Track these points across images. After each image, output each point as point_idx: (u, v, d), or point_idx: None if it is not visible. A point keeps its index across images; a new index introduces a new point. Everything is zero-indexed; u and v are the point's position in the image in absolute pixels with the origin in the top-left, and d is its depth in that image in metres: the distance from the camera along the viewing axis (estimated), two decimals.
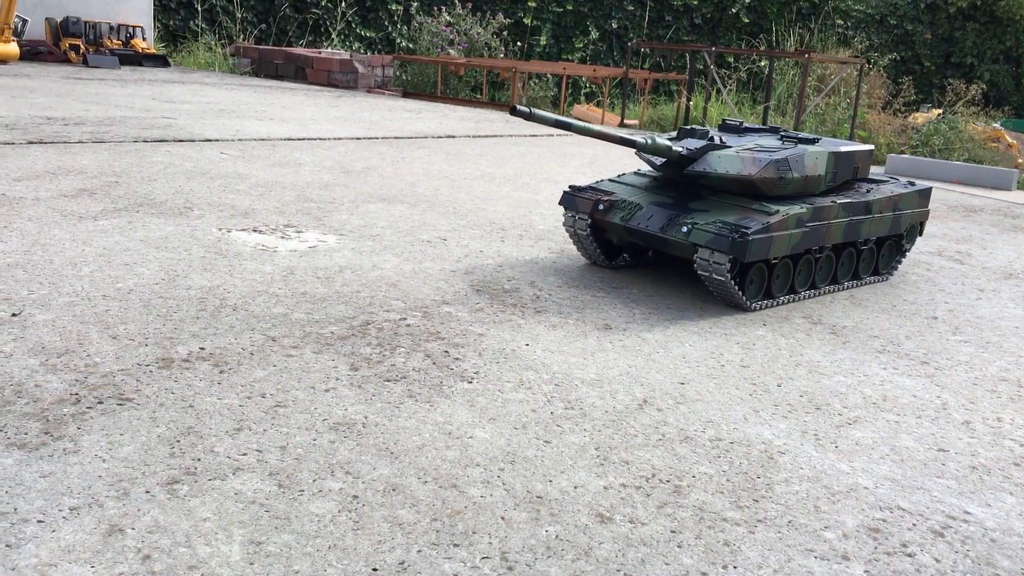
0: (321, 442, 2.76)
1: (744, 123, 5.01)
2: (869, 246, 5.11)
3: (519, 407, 3.14)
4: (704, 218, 4.38)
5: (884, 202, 5.03)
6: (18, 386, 2.92)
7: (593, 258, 5.03)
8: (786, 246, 4.40)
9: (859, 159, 5.06)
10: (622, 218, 4.60)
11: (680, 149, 4.56)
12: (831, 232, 4.67)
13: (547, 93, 21.65)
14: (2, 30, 14.28)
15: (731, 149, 4.57)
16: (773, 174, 4.47)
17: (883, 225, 5.07)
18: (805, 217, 4.47)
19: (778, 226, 4.31)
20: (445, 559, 2.24)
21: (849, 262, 5.07)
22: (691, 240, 4.29)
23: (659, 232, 4.45)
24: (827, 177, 4.78)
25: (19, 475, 2.41)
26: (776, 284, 4.58)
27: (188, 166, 6.74)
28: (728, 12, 26.23)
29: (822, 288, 4.89)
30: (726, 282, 4.26)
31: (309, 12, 22.80)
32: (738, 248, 4.15)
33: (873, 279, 5.28)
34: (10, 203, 5.14)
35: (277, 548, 2.22)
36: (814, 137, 4.83)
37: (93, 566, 2.08)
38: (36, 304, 3.64)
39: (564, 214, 4.88)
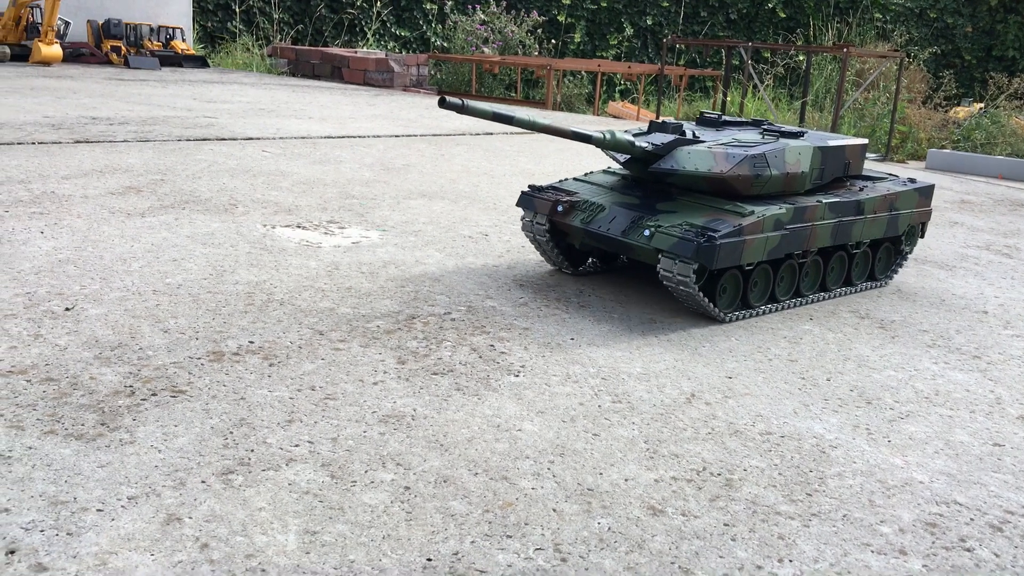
0: (371, 434, 2.77)
1: (723, 116, 4.60)
2: (863, 249, 4.67)
3: (567, 400, 3.14)
4: (670, 220, 3.96)
5: (879, 201, 4.58)
6: (74, 378, 2.97)
7: (556, 264, 4.63)
8: (762, 251, 3.98)
9: (850, 154, 4.62)
10: (582, 220, 4.18)
11: (644, 145, 4.12)
12: (816, 235, 4.24)
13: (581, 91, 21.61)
14: (45, 32, 14.52)
15: (702, 144, 4.15)
16: (748, 171, 4.05)
17: (878, 227, 4.63)
18: (785, 219, 4.04)
19: (752, 229, 3.90)
20: (499, 550, 2.24)
21: (840, 267, 4.64)
22: (653, 245, 3.89)
23: (620, 236, 4.03)
24: (812, 174, 4.36)
25: (77, 465, 2.45)
26: (754, 293, 4.17)
27: (231, 164, 6.81)
28: (764, 7, 25.97)
29: (809, 296, 4.47)
30: (692, 292, 3.86)
31: (345, 12, 22.95)
32: (704, 254, 3.73)
33: (869, 285, 4.87)
34: (60, 200, 5.22)
35: (332, 538, 2.23)
36: (800, 131, 4.45)
37: (152, 554, 2.11)
38: (88, 299, 3.70)
39: (522, 217, 4.48)
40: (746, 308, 4.16)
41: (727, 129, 4.47)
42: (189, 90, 12.19)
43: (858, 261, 4.74)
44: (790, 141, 4.27)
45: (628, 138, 4.10)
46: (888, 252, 4.96)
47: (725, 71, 17.04)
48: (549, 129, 3.99)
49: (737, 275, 4.04)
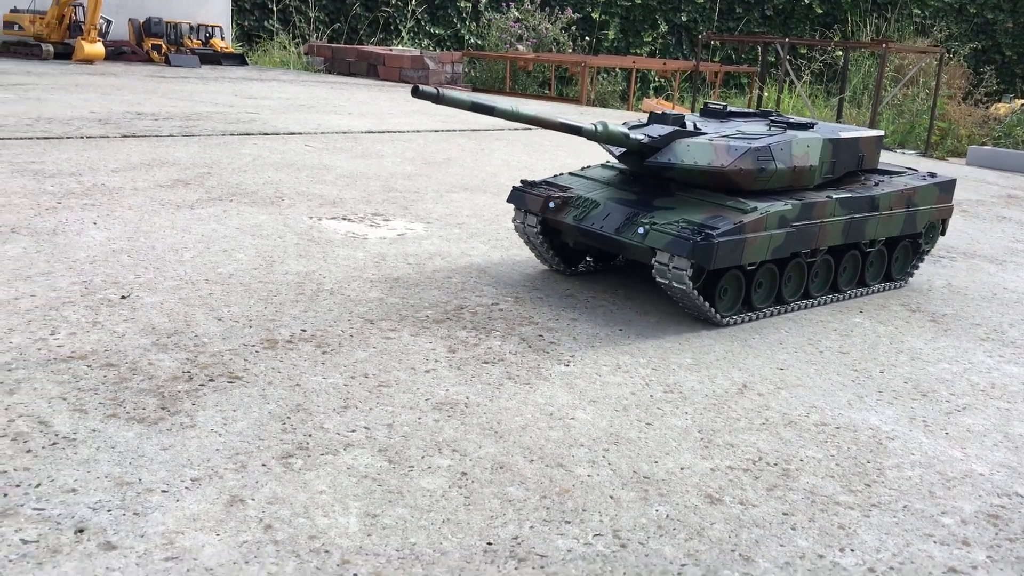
0: (426, 421, 2.79)
1: (729, 107, 4.34)
2: (877, 248, 4.40)
3: (618, 390, 3.13)
4: (666, 217, 3.73)
5: (895, 197, 4.30)
6: (133, 364, 3.02)
7: (549, 263, 4.40)
8: (765, 250, 3.75)
9: (865, 147, 4.34)
10: (575, 218, 3.95)
11: (640, 137, 3.89)
12: (826, 233, 3.99)
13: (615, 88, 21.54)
14: (88, 31, 14.76)
15: (703, 137, 3.91)
16: (751, 165, 3.80)
17: (894, 224, 4.35)
18: (791, 215, 3.80)
19: (754, 226, 3.66)
20: (558, 535, 2.25)
21: (853, 267, 4.37)
22: (647, 243, 3.67)
23: (614, 234, 3.80)
24: (823, 168, 4.10)
25: (140, 447, 2.49)
26: (758, 294, 3.95)
27: (275, 158, 6.88)
28: (800, 3, 25.74)
29: (819, 298, 4.22)
30: (688, 292, 3.63)
31: (380, 11, 23.07)
32: (701, 252, 3.51)
33: (885, 287, 4.59)
34: (110, 193, 5.31)
35: (392, 521, 2.25)
36: (809, 122, 4.20)
37: (218, 534, 2.14)
38: (143, 287, 3.75)
39: (514, 214, 4.26)
40: (750, 311, 3.93)
41: (732, 121, 4.25)
42: (229, 87, 12.32)
43: (873, 261, 4.48)
44: (798, 133, 4.03)
45: (622, 130, 3.89)
46: (906, 251, 4.67)
47: (761, 67, 16.91)
48: (534, 120, 3.76)
49: (739, 275, 3.81)
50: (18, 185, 5.34)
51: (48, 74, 12.32)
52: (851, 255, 4.31)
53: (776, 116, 4.26)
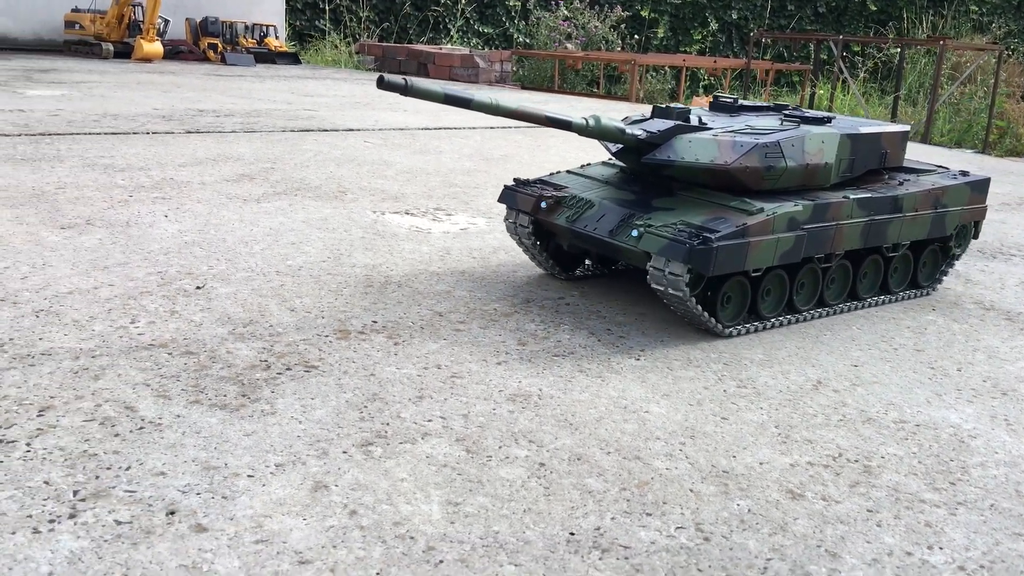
0: (501, 412, 2.79)
1: (739, 100, 4.06)
2: (902, 252, 4.08)
3: (691, 384, 3.11)
4: (664, 219, 3.47)
5: (921, 197, 3.97)
6: (212, 352, 3.07)
7: (543, 267, 4.16)
8: (772, 255, 3.46)
9: (888, 143, 4.01)
10: (568, 219, 3.70)
11: (637, 132, 3.63)
12: (842, 236, 3.69)
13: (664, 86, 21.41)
14: (147, 30, 15.04)
15: (707, 132, 3.62)
16: (758, 163, 3.51)
17: (920, 226, 4.01)
18: (801, 217, 3.51)
19: (759, 229, 3.38)
20: (640, 527, 2.24)
21: (874, 273, 4.07)
22: (641, 247, 3.40)
23: (608, 236, 3.54)
24: (840, 166, 3.80)
25: (224, 433, 2.53)
26: (766, 302, 3.67)
27: (336, 154, 6.95)
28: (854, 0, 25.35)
29: (836, 307, 3.92)
30: (685, 300, 3.37)
31: (430, 10, 23.19)
32: (698, 257, 3.24)
33: (911, 294, 4.26)
34: (179, 187, 5.40)
35: (474, 509, 2.26)
36: (827, 116, 3.92)
37: (305, 519, 2.16)
38: (217, 278, 3.81)
39: (506, 213, 4.03)
40: (757, 319, 3.65)
41: (743, 115, 3.95)
42: (285, 85, 12.48)
43: (897, 266, 4.14)
44: (812, 128, 3.73)
45: (617, 125, 3.62)
46: (934, 256, 4.32)
47: (814, 65, 16.68)
48: (517, 114, 3.47)
49: (743, 282, 3.54)
50: (90, 179, 5.46)
51: (109, 72, 12.58)
52: (872, 260, 4.00)
53: (791, 110, 4.02)
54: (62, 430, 2.47)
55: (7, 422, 2.48)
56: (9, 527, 2.02)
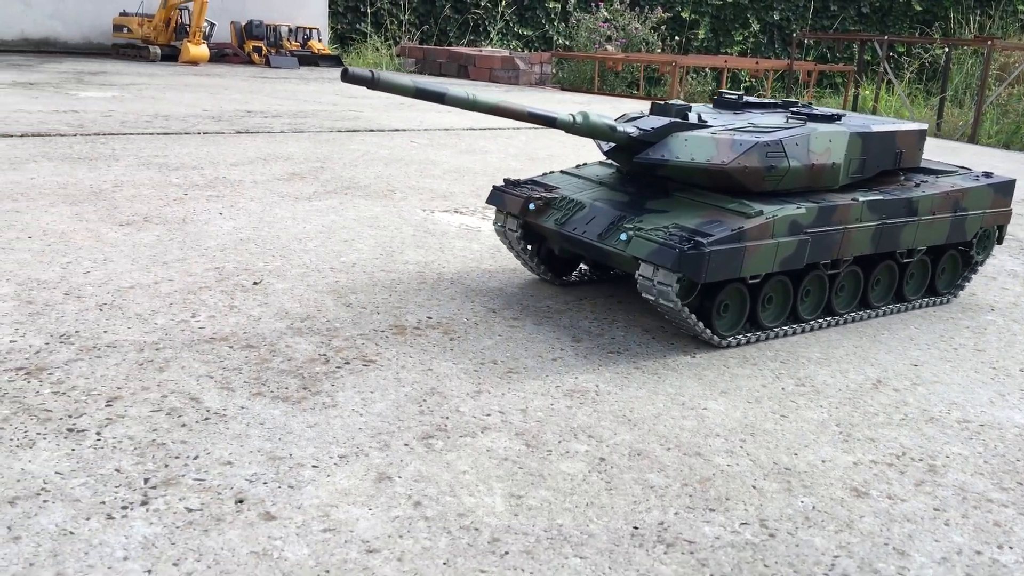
0: (558, 407, 2.80)
1: (745, 96, 3.87)
2: (918, 258, 3.87)
3: (748, 382, 3.09)
4: (656, 222, 3.28)
5: (939, 200, 3.74)
6: (271, 346, 3.11)
7: (534, 271, 3.98)
8: (771, 260, 3.25)
9: (903, 142, 3.77)
10: (556, 221, 3.52)
11: (629, 130, 3.42)
12: (851, 240, 3.48)
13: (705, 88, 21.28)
14: (194, 33, 15.27)
15: (705, 130, 3.43)
16: (758, 162, 3.31)
17: (937, 230, 3.79)
18: (805, 220, 3.31)
19: (757, 233, 3.17)
20: (704, 522, 2.23)
21: (888, 280, 3.85)
22: (630, 251, 3.21)
23: (596, 240, 3.36)
24: (849, 167, 3.58)
25: (287, 424, 2.56)
26: (767, 311, 3.48)
27: (383, 153, 7.01)
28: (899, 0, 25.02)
29: (845, 315, 3.72)
30: (676, 309, 3.19)
31: (470, 13, 23.28)
32: (689, 263, 3.04)
33: (929, 302, 4.04)
34: (232, 185, 5.48)
35: (537, 502, 2.26)
36: (836, 113, 3.70)
37: (370, 509, 2.18)
38: (273, 274, 3.86)
39: (494, 215, 3.86)
40: (758, 329, 3.46)
41: (747, 112, 3.79)
42: (329, 87, 12.60)
43: (913, 273, 3.93)
44: (818, 126, 3.52)
45: (607, 122, 3.40)
46: (954, 262, 4.10)
47: (857, 66, 16.49)
48: (497, 110, 3.25)
49: (742, 289, 3.35)
50: (146, 177, 5.56)
51: (158, 75, 12.79)
52: (885, 266, 3.79)
53: (799, 107, 3.81)
54: (130, 420, 2.51)
55: (77, 411, 2.53)
56: (84, 513, 2.06)
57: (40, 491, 2.13)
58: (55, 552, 1.91)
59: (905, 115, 15.03)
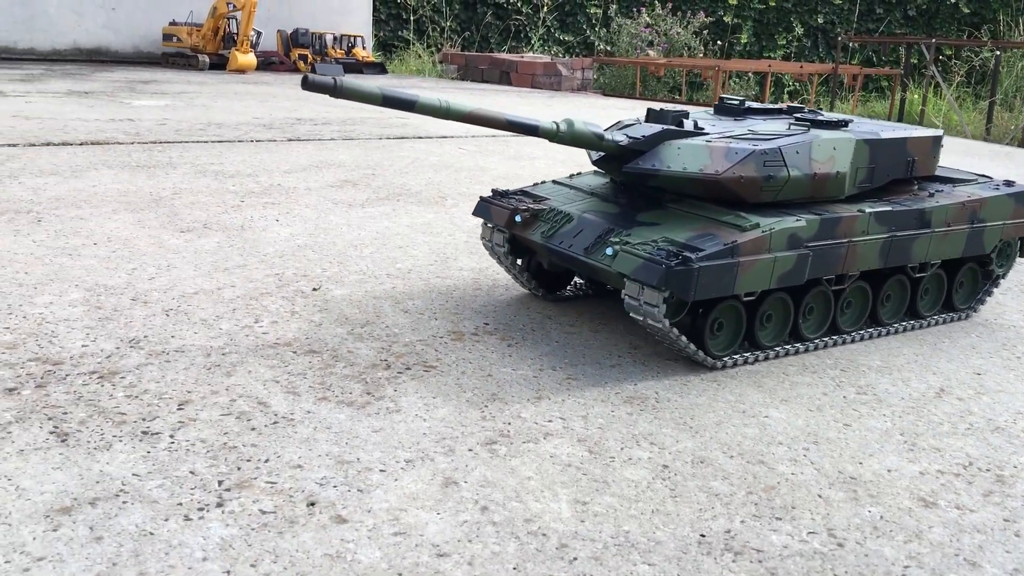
0: (619, 414, 2.81)
1: (747, 102, 3.69)
2: (932, 272, 3.67)
3: (809, 390, 3.08)
4: (645, 235, 3.10)
5: (954, 211, 3.55)
6: (334, 351, 3.15)
7: (525, 286, 3.82)
8: (768, 277, 3.07)
9: (914, 149, 3.58)
10: (543, 234, 3.35)
11: (618, 138, 3.25)
12: (856, 255, 3.29)
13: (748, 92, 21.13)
14: (241, 42, 15.52)
15: (699, 138, 3.24)
16: (755, 172, 3.13)
17: (952, 243, 3.59)
18: (805, 233, 3.12)
19: (752, 247, 2.99)
20: (771, 531, 2.23)
21: (900, 296, 3.67)
22: (615, 267, 3.03)
23: (583, 255, 3.19)
24: (856, 176, 3.41)
25: (353, 429, 2.60)
26: (766, 330, 3.30)
27: (433, 160, 7.07)
28: (946, 2, 24.65)
29: (853, 333, 3.54)
30: (664, 329, 3.02)
31: (511, 19, 23.37)
32: (676, 280, 2.86)
33: (945, 318, 3.85)
34: (286, 192, 5.57)
35: (602, 509, 2.28)
36: (844, 119, 3.50)
37: (439, 513, 2.21)
38: (331, 280, 3.92)
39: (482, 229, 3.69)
40: (756, 349, 3.29)
41: (748, 118, 3.60)
42: None
43: (928, 288, 3.75)
44: (821, 132, 3.33)
45: (594, 130, 3.22)
46: (973, 275, 3.91)
47: (904, 70, 16.28)
48: (472, 118, 3.08)
49: (737, 307, 3.18)
50: (203, 185, 5.67)
51: (207, 83, 13.01)
52: (896, 281, 3.61)
53: (804, 113, 3.62)
54: (201, 423, 2.57)
55: (150, 415, 2.60)
56: (162, 514, 2.12)
57: (119, 492, 2.19)
58: (136, 552, 1.97)
59: (953, 119, 14.81)
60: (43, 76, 12.96)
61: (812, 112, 3.64)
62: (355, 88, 2.84)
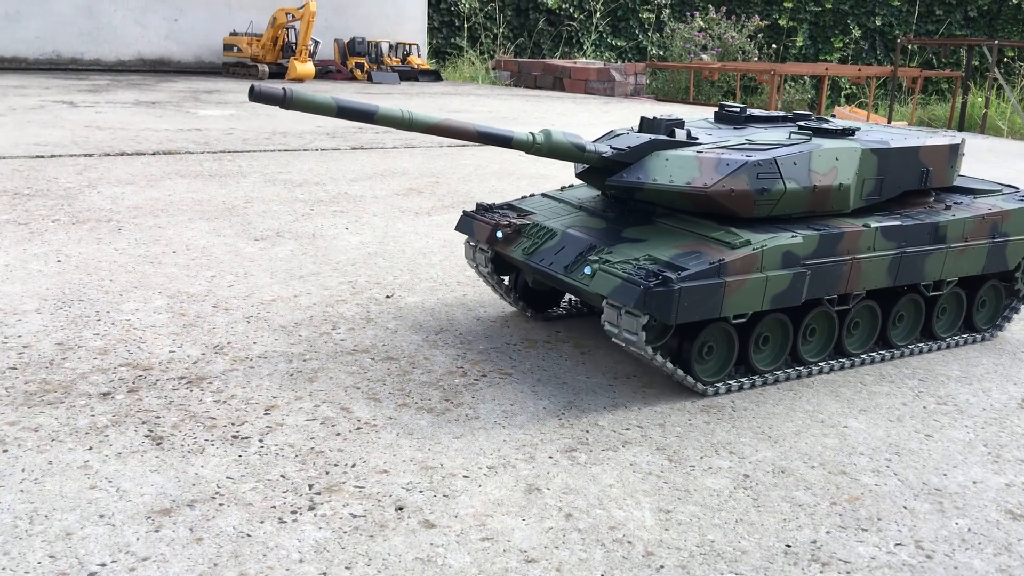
0: (696, 422, 2.82)
1: (748, 110, 3.51)
2: (949, 291, 3.46)
3: (887, 400, 3.05)
4: (627, 253, 2.91)
5: (973, 224, 3.34)
6: (411, 358, 3.21)
7: (512, 304, 3.67)
8: (759, 298, 2.86)
9: (929, 158, 3.35)
10: (524, 251, 3.19)
11: (602, 149, 3.06)
12: (861, 272, 3.09)
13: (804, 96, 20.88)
14: (300, 51, 15.77)
15: (689, 149, 3.05)
16: (747, 185, 2.94)
17: (971, 259, 3.38)
18: (801, 251, 2.92)
19: (741, 266, 2.80)
20: (857, 542, 2.22)
21: (912, 316, 3.46)
22: (593, 287, 2.86)
23: (563, 273, 3.02)
24: (863, 188, 3.19)
25: (435, 435, 2.65)
26: (762, 353, 3.11)
27: (494, 168, 7.13)
28: (1008, 2, 24.09)
29: (860, 357, 3.33)
30: (644, 354, 2.83)
31: (564, 25, 23.41)
32: (656, 302, 2.67)
33: (965, 339, 3.63)
34: (354, 201, 5.67)
35: (686, 518, 2.29)
36: (850, 127, 3.30)
37: (524, 519, 2.24)
38: (403, 288, 3.99)
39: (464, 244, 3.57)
40: (751, 374, 3.09)
41: (749, 127, 3.42)
42: (431, 102, 12.85)
43: (945, 307, 3.55)
44: (823, 141, 3.13)
45: (575, 141, 3.04)
46: (995, 293, 3.68)
47: (965, 72, 15.96)
48: (438, 129, 2.90)
49: (728, 330, 2.99)
50: (273, 193, 5.80)
51: None
52: (909, 301, 3.40)
53: (810, 121, 3.41)
54: (288, 428, 2.64)
55: (239, 419, 2.67)
56: (257, 516, 2.18)
57: (215, 495, 2.26)
58: (236, 554, 2.03)
59: (1017, 122, 14.48)
60: (110, 87, 13.33)
61: (819, 120, 3.48)
62: (307, 99, 2.73)
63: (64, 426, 2.57)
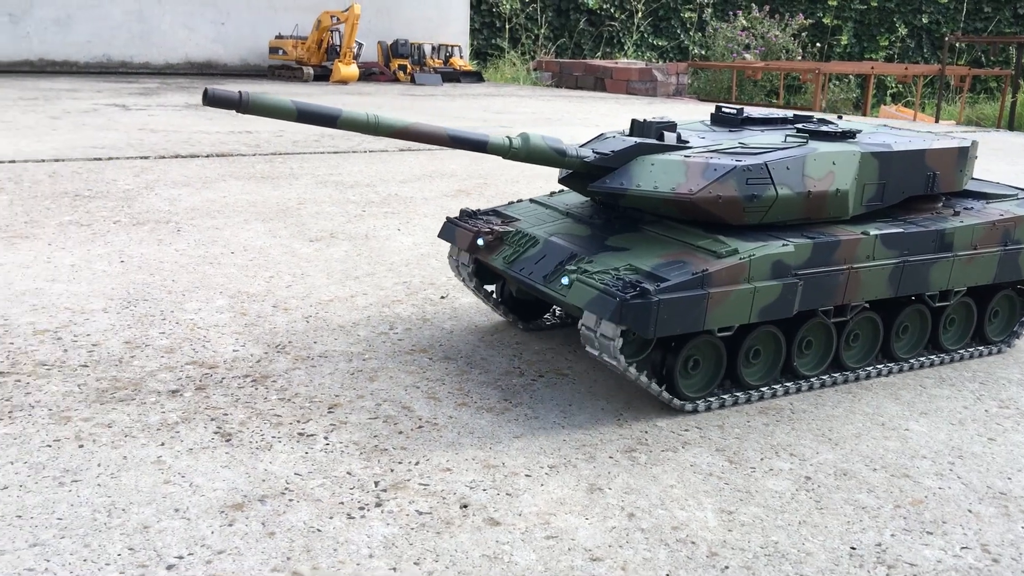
0: (755, 424, 2.82)
1: (744, 111, 3.38)
2: (957, 301, 3.30)
3: (948, 403, 3.03)
4: (607, 263, 2.79)
5: (982, 231, 3.19)
6: (468, 358, 3.25)
7: (500, 313, 3.56)
8: (746, 310, 2.72)
9: (935, 162, 3.20)
10: (505, 259, 3.07)
11: (584, 153, 2.93)
12: (858, 283, 2.94)
13: (849, 95, 20.65)
14: (344, 54, 15.94)
15: (677, 153, 2.92)
16: (736, 191, 2.81)
17: (980, 268, 3.22)
18: (792, 260, 2.79)
19: (725, 276, 2.67)
20: (923, 545, 2.21)
21: (918, 328, 3.30)
22: (569, 298, 2.73)
23: (542, 283, 2.89)
24: (863, 193, 3.04)
25: (495, 434, 2.68)
26: (753, 367, 2.97)
27: (541, 169, 7.14)
28: None
29: (860, 371, 3.18)
30: (622, 368, 2.70)
31: (605, 26, 23.37)
32: (633, 314, 2.54)
33: (975, 352, 3.46)
34: (405, 202, 5.73)
35: (748, 519, 2.30)
36: (852, 130, 3.15)
37: (587, 518, 2.26)
38: (456, 289, 4.03)
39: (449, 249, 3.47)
40: (740, 390, 2.95)
41: (745, 129, 3.28)
42: (474, 103, 12.91)
43: (953, 318, 3.39)
44: (819, 145, 2.98)
45: (554, 145, 2.90)
46: (1010, 304, 3.53)
47: (1015, 70, 15.67)
48: (406, 133, 2.77)
49: (715, 343, 2.85)
50: (325, 195, 5.88)
51: (313, 95, 13.41)
52: (913, 311, 3.24)
53: (810, 123, 3.27)
54: (352, 426, 2.68)
55: (304, 417, 2.73)
56: (326, 512, 2.23)
57: (284, 490, 2.31)
58: (307, 548, 2.08)
59: None
60: (159, 90, 13.58)
61: (820, 122, 3.33)
62: (264, 103, 2.61)
63: (136, 422, 2.64)
